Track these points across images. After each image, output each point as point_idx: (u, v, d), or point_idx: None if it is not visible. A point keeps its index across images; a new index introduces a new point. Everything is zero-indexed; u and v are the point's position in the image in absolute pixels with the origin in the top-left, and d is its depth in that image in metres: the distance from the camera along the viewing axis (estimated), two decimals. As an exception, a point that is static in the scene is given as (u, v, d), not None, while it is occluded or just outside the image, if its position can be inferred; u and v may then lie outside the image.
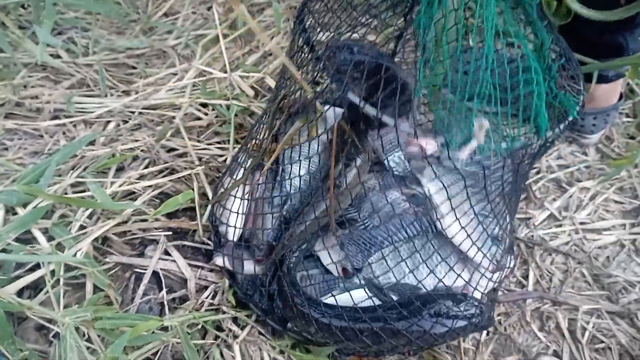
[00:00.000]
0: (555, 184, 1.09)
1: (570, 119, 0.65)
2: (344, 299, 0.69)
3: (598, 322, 0.88)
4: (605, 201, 1.07)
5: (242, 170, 0.78)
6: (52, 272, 0.76)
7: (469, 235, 0.69)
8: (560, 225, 1.02)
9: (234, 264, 0.77)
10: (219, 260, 0.79)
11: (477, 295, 0.72)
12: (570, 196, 1.07)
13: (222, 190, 0.80)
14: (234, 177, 0.79)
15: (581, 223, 1.03)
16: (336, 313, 0.67)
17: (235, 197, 0.78)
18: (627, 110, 1.24)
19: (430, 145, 0.86)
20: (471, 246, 0.71)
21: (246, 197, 0.77)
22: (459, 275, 0.70)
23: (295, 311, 0.69)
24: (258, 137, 0.78)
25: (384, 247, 0.71)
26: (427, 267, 0.69)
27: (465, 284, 0.71)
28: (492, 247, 0.73)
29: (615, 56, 0.93)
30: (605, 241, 1.01)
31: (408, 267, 0.69)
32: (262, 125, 0.78)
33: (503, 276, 0.75)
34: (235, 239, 0.78)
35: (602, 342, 0.86)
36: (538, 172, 1.10)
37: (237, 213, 0.78)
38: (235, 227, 0.77)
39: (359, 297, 0.68)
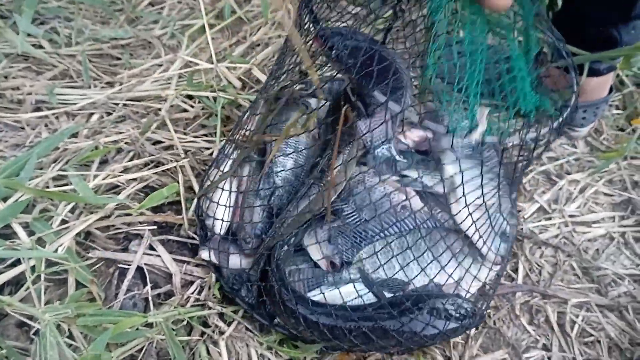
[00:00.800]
0: (544, 177, 1.09)
1: (561, 119, 0.65)
2: (332, 294, 0.68)
3: (587, 316, 0.88)
4: (594, 194, 1.07)
5: (229, 161, 0.77)
6: (33, 268, 0.74)
7: (474, 222, 0.68)
8: (549, 218, 1.01)
9: (220, 258, 0.76)
10: (204, 254, 0.77)
11: (471, 291, 0.71)
12: (560, 189, 1.06)
13: (208, 182, 0.79)
14: (221, 169, 0.77)
15: (570, 216, 1.02)
16: (325, 311, 0.66)
17: (222, 189, 0.76)
18: (617, 102, 1.24)
19: (418, 137, 0.85)
20: (479, 237, 0.71)
21: (233, 189, 0.76)
22: (450, 276, 0.69)
23: (283, 308, 0.67)
24: (247, 128, 0.76)
25: (374, 240, 0.70)
26: (418, 263, 0.68)
27: (458, 280, 0.70)
28: (498, 240, 0.73)
29: (608, 49, 0.92)
30: (595, 234, 1.00)
31: (399, 262, 0.68)
32: (251, 116, 0.77)
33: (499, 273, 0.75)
34: (222, 232, 0.77)
35: (592, 335, 0.86)
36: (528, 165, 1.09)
37: (225, 206, 0.76)
38: (222, 220, 0.76)
39: (348, 292, 0.67)
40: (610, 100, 1.17)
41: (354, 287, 0.67)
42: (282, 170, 0.74)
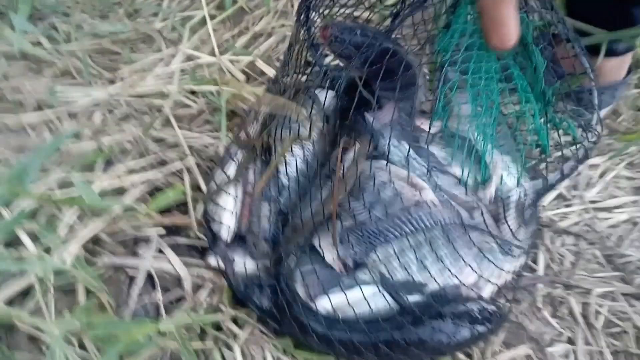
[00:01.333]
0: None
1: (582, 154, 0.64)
2: (344, 299, 0.65)
3: (613, 305, 0.85)
4: (615, 178, 1.03)
5: (233, 163, 0.74)
6: (41, 278, 0.72)
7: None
8: (569, 205, 0.98)
9: (227, 266, 0.73)
10: (212, 261, 0.75)
11: (489, 290, 0.68)
12: (579, 174, 1.03)
13: (213, 183, 0.75)
14: (225, 170, 0.74)
15: (591, 202, 0.99)
16: (340, 326, 0.63)
17: (228, 193, 0.73)
18: (635, 80, 1.19)
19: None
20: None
21: (239, 194, 0.73)
22: (480, 275, 0.66)
23: (296, 325, 0.65)
24: (251, 128, 0.73)
25: (389, 240, 0.67)
26: (440, 261, 0.65)
27: (476, 281, 0.67)
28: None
29: (626, 28, 0.88)
30: (617, 219, 0.97)
31: (415, 262, 0.65)
32: (254, 117, 0.74)
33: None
34: (228, 239, 0.74)
35: (618, 326, 0.83)
36: (545, 150, 1.06)
37: (231, 212, 0.73)
38: (228, 225, 0.73)
39: (361, 296, 0.64)
40: (629, 81, 1.13)
41: (365, 290, 0.64)
42: (289, 169, 0.71)
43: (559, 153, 0.66)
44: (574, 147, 0.68)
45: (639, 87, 1.18)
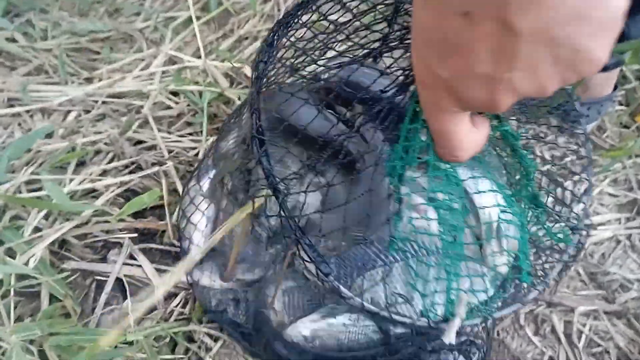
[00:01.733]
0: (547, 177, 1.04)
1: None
2: (327, 324, 0.61)
3: (595, 324, 0.84)
4: (599, 194, 1.02)
5: (208, 178, 0.70)
6: (1, 282, 0.68)
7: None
8: (553, 221, 0.97)
9: (192, 287, 0.70)
10: (184, 278, 0.71)
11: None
12: (564, 189, 1.01)
13: (187, 197, 0.72)
14: (201, 184, 0.70)
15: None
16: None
17: (202, 213, 0.69)
18: (620, 97, 1.19)
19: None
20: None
21: (212, 212, 0.69)
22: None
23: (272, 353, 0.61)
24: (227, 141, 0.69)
25: (376, 267, 0.63)
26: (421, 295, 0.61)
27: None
28: None
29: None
30: (601, 237, 0.96)
31: (403, 292, 0.62)
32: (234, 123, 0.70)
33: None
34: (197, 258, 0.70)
35: (600, 345, 0.82)
36: (530, 164, 1.04)
37: (202, 231, 0.69)
38: (197, 245, 0.69)
39: (344, 323, 0.61)
40: (615, 97, 1.13)
41: (347, 316, 0.61)
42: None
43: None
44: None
45: (623, 103, 1.18)
